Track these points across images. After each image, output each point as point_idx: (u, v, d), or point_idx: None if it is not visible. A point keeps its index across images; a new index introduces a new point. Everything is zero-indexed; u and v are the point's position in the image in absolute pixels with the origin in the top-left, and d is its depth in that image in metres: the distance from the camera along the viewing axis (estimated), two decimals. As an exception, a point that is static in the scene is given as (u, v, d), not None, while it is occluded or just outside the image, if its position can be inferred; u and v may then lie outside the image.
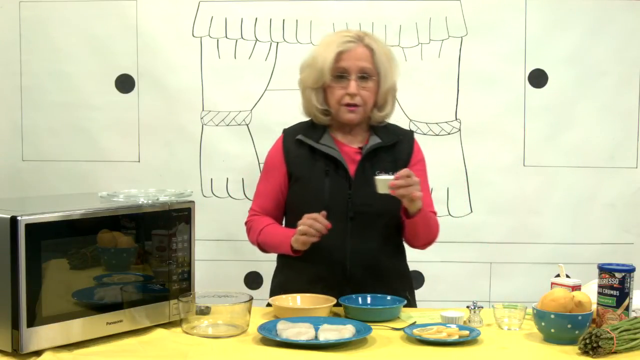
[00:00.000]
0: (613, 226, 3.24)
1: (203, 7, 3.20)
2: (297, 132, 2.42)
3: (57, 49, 3.21)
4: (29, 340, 1.75)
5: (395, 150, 2.40)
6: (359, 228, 2.31)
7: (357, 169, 2.35)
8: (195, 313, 1.98)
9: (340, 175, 2.33)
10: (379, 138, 2.39)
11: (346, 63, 2.33)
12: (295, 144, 2.40)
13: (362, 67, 2.33)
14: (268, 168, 2.47)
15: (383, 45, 2.42)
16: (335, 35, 2.43)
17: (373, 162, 2.35)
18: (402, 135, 2.45)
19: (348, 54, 2.33)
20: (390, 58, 2.39)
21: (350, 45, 2.34)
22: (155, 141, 3.23)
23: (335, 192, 2.32)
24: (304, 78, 2.42)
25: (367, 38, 2.37)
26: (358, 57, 2.33)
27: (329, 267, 2.30)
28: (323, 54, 2.35)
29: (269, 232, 2.39)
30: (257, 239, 2.42)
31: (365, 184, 2.29)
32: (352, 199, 2.31)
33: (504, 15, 3.19)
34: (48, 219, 1.79)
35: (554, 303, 1.93)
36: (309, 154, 2.38)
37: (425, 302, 2.76)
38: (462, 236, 3.22)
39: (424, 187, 2.42)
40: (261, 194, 2.46)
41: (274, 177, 2.42)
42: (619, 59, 3.19)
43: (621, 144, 3.23)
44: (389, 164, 2.35)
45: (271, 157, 2.47)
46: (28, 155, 3.26)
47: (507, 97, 3.21)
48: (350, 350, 1.86)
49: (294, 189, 2.38)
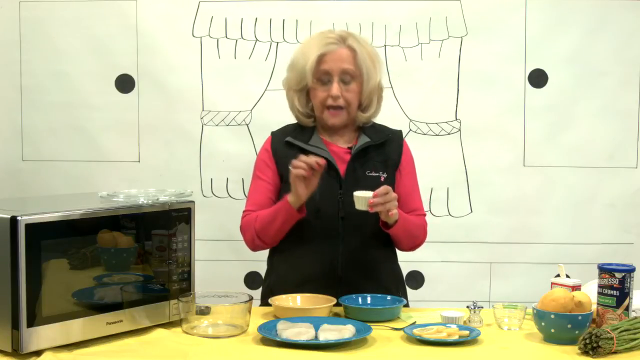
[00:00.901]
0: (613, 226, 3.24)
1: (203, 7, 3.21)
2: (285, 135, 2.40)
3: (57, 49, 3.21)
4: (29, 340, 1.75)
5: (385, 150, 2.39)
6: (350, 228, 2.30)
7: (347, 169, 2.34)
8: (195, 313, 1.98)
9: (330, 175, 2.32)
10: (367, 137, 2.38)
11: (328, 65, 2.31)
12: (284, 146, 2.38)
13: (344, 68, 2.31)
14: (259, 167, 2.43)
15: (367, 45, 2.38)
16: (317, 36, 2.39)
17: (363, 162, 2.35)
18: (391, 134, 2.44)
19: (330, 55, 2.30)
20: (373, 58, 2.37)
21: (332, 47, 2.31)
22: (155, 141, 3.23)
23: (326, 193, 2.30)
24: (287, 79, 2.41)
25: (350, 39, 2.34)
26: (340, 59, 2.30)
27: (319, 267, 2.29)
28: (305, 56, 2.32)
29: (263, 215, 2.33)
30: (254, 230, 2.34)
31: (355, 184, 2.29)
32: (343, 199, 2.30)
33: (504, 15, 3.19)
34: (48, 219, 1.78)
35: (554, 303, 1.93)
36: (298, 155, 2.33)
37: (425, 302, 2.77)
38: (462, 236, 3.22)
39: (413, 188, 2.43)
40: (255, 191, 2.42)
41: (265, 175, 2.40)
42: (619, 59, 3.20)
43: (621, 144, 3.23)
44: (379, 164, 2.35)
45: (261, 157, 2.44)
46: (28, 155, 3.26)
47: (507, 97, 3.21)
48: (350, 350, 1.85)
49: (286, 189, 2.37)
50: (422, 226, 2.42)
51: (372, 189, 2.21)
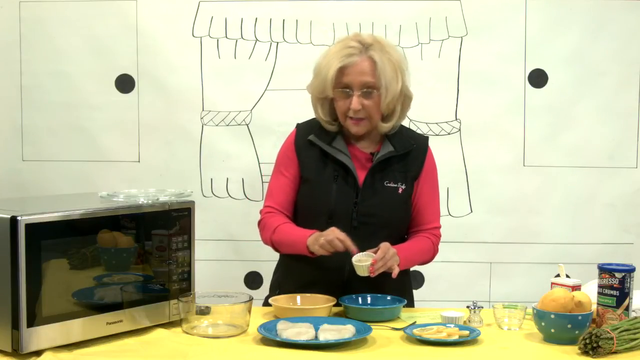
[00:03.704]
0: (613, 226, 3.24)
1: (203, 7, 3.20)
2: (310, 131, 2.37)
3: (57, 49, 3.21)
4: (29, 340, 1.75)
5: (407, 160, 2.36)
6: (362, 238, 2.25)
7: (366, 178, 2.31)
8: (195, 313, 1.98)
9: (348, 182, 2.30)
10: (391, 146, 2.34)
11: (348, 78, 2.27)
12: (307, 143, 2.36)
13: (364, 82, 2.26)
14: (282, 162, 2.41)
15: (391, 51, 2.31)
16: (340, 45, 2.32)
17: (383, 172, 2.32)
18: (416, 143, 2.39)
19: (350, 68, 2.26)
20: (396, 66, 2.29)
21: (353, 59, 2.26)
22: (155, 141, 3.23)
23: (342, 199, 2.30)
24: (311, 86, 2.37)
25: (372, 48, 2.28)
26: (360, 72, 2.26)
27: (327, 272, 2.27)
28: (326, 66, 2.29)
29: (284, 231, 2.33)
30: (271, 238, 2.35)
31: (372, 195, 2.29)
32: (358, 208, 2.29)
33: (504, 15, 3.19)
34: (48, 219, 1.78)
35: (554, 303, 1.93)
36: (319, 156, 2.34)
37: (425, 302, 2.77)
38: (462, 236, 3.22)
39: (432, 199, 2.43)
40: (276, 188, 2.40)
41: (288, 171, 2.37)
42: (619, 59, 3.19)
43: (621, 144, 3.23)
44: (399, 174, 2.33)
45: (284, 151, 2.42)
46: (28, 155, 3.26)
47: (507, 97, 3.21)
48: (350, 350, 1.86)
49: (302, 190, 2.36)
50: (429, 250, 2.40)
51: (388, 200, 2.25)
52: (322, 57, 2.35)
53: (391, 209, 2.32)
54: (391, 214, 2.32)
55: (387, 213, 2.31)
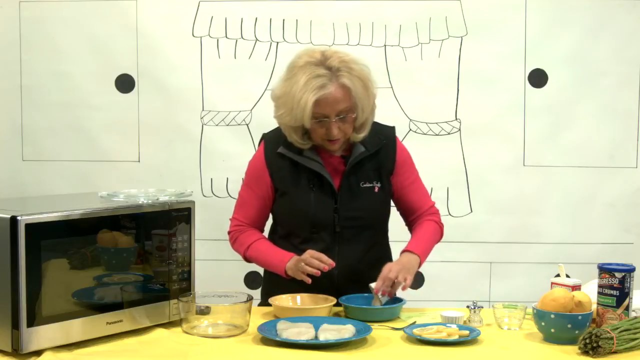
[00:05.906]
0: (613, 226, 3.24)
1: (203, 7, 3.21)
2: (278, 142, 2.33)
3: (57, 49, 3.21)
4: (29, 340, 1.75)
5: (379, 157, 2.34)
6: (346, 241, 2.29)
7: (342, 182, 2.30)
8: (195, 313, 1.98)
9: (325, 189, 2.30)
10: (362, 146, 2.32)
11: (325, 110, 2.21)
12: (277, 155, 2.33)
13: (340, 110, 2.22)
14: (251, 177, 2.38)
15: (356, 69, 2.23)
16: (307, 73, 2.19)
17: (358, 174, 2.31)
18: (385, 138, 2.36)
19: (325, 100, 2.18)
20: (366, 84, 2.24)
21: (327, 90, 2.18)
22: (155, 141, 3.23)
23: (321, 208, 2.29)
24: (279, 117, 2.28)
25: (340, 72, 2.20)
26: (335, 101, 2.19)
27: (317, 279, 2.22)
28: (300, 101, 2.18)
29: (260, 249, 2.34)
30: (245, 253, 2.37)
31: (350, 198, 2.29)
32: (339, 213, 2.29)
33: (504, 15, 3.19)
34: (48, 219, 1.78)
35: (554, 303, 1.93)
36: (292, 167, 2.31)
37: (425, 302, 2.76)
38: (462, 236, 3.22)
39: (416, 183, 2.41)
40: (245, 203, 2.39)
41: (259, 188, 2.35)
42: (619, 59, 3.20)
43: (621, 144, 3.23)
44: (373, 172, 2.32)
45: (254, 167, 2.38)
46: (28, 155, 3.26)
47: (507, 97, 3.21)
48: (350, 350, 1.86)
49: (280, 202, 2.34)
50: (436, 231, 2.40)
51: (367, 201, 2.28)
52: (289, 90, 2.22)
53: (371, 209, 2.32)
54: (371, 214, 2.32)
55: (367, 214, 2.31)
